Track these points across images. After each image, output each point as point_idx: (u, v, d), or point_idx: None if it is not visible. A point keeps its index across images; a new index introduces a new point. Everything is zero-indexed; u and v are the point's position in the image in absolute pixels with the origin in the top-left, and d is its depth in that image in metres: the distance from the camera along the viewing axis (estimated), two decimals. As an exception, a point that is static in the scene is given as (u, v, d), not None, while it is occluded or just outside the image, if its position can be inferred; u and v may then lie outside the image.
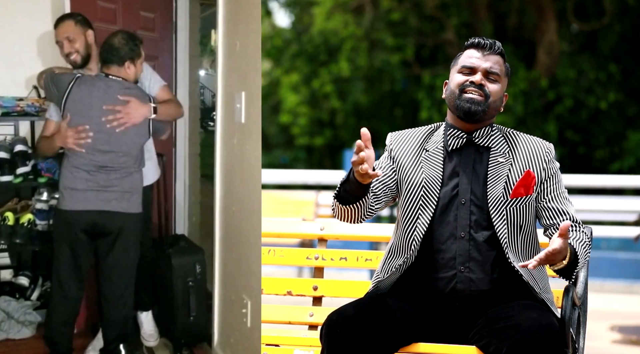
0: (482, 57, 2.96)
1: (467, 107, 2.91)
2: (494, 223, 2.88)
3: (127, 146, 3.99)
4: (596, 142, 13.96)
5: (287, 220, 3.89)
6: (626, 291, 8.72)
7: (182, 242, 4.54)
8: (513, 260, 2.87)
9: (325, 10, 14.54)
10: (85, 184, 3.94)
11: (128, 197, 4.01)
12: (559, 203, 2.95)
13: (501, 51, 3.00)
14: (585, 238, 2.90)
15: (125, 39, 3.99)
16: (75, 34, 4.09)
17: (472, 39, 3.02)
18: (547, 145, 3.00)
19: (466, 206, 2.91)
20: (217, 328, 4.25)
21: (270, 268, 7.05)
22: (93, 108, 3.93)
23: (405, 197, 2.96)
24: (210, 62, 5.13)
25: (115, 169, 3.97)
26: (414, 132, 3.07)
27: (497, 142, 2.97)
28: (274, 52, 15.46)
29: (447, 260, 2.90)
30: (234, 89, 3.88)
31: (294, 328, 3.37)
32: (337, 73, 14.37)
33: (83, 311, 4.47)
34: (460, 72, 2.97)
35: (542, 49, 13.56)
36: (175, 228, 4.92)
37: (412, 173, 2.97)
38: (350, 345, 2.74)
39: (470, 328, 2.86)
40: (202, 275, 4.36)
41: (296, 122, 14.92)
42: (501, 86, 2.98)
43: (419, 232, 2.91)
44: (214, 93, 4.55)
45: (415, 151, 3.01)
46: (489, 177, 2.92)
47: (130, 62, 3.99)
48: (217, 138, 4.17)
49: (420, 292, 2.93)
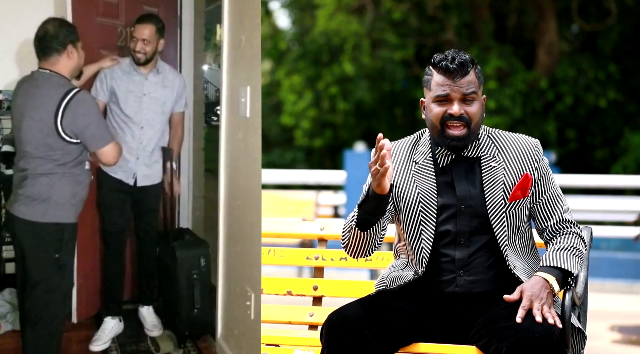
0: (453, 83, 2.87)
1: (453, 145, 2.88)
2: (493, 228, 2.88)
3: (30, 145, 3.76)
4: (596, 141, 13.98)
5: (287, 220, 3.90)
6: (626, 291, 8.71)
7: (187, 235, 4.54)
8: (511, 264, 2.87)
9: (327, 13, 14.55)
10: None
11: (27, 203, 3.75)
12: (551, 206, 2.94)
13: (472, 64, 2.90)
14: (575, 240, 2.89)
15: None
16: (152, 39, 4.36)
17: (440, 61, 2.89)
18: (534, 143, 2.98)
19: (465, 213, 2.90)
20: (220, 320, 4.26)
21: (270, 268, 7.06)
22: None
23: (405, 214, 2.94)
24: (213, 57, 5.14)
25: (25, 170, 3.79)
26: (399, 145, 3.03)
27: (486, 149, 2.95)
28: (274, 52, 15.47)
29: (447, 264, 2.90)
30: (239, 83, 3.89)
31: (294, 328, 3.37)
32: (339, 74, 14.37)
33: (83, 301, 4.47)
34: (436, 102, 2.90)
35: (542, 49, 13.58)
36: (179, 222, 4.92)
37: (406, 189, 2.94)
38: (351, 345, 2.74)
39: (470, 328, 2.86)
40: (206, 269, 4.37)
41: (299, 125, 14.89)
42: (479, 100, 2.91)
43: (425, 246, 2.90)
44: (218, 88, 4.59)
45: (404, 165, 2.98)
46: (485, 183, 2.91)
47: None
48: (221, 133, 4.17)
49: (420, 293, 2.93)
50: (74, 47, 3.81)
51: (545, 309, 2.69)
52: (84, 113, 3.70)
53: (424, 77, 2.97)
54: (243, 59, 3.86)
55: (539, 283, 2.75)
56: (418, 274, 2.90)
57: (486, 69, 13.26)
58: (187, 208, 5.14)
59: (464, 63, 2.86)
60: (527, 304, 2.71)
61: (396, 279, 2.97)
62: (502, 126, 12.62)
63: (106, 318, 4.41)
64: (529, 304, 2.71)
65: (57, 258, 3.74)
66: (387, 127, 14.62)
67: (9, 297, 4.42)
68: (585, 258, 2.95)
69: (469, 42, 14.22)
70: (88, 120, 3.72)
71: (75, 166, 3.79)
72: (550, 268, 2.80)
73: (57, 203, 3.74)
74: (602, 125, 13.89)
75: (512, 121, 13.09)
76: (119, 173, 4.41)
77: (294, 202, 9.10)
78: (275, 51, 15.48)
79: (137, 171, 4.45)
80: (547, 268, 2.80)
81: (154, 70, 4.45)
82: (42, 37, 3.78)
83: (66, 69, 3.80)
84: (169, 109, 4.53)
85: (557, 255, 2.83)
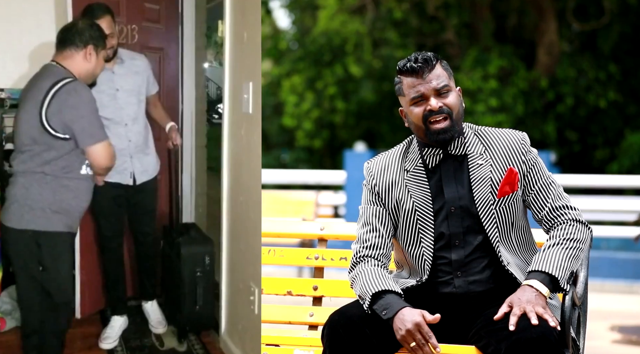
0: (423, 81, 2.90)
1: (440, 138, 2.89)
2: (484, 227, 2.89)
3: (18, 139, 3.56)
4: (596, 142, 13.99)
5: (287, 220, 3.89)
6: (626, 291, 8.72)
7: (193, 231, 4.50)
8: (504, 260, 2.87)
9: (329, 14, 14.56)
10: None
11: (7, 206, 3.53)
12: (544, 195, 2.93)
13: (435, 59, 2.93)
14: (569, 230, 2.87)
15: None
16: (113, 29, 4.06)
17: (404, 64, 2.93)
18: (521, 136, 2.98)
19: (457, 214, 2.91)
20: (224, 315, 4.26)
21: (270, 268, 7.05)
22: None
23: (403, 223, 2.95)
24: (214, 54, 5.12)
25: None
26: (388, 156, 3.04)
27: (473, 146, 2.96)
28: (274, 52, 15.47)
29: (444, 266, 2.91)
30: (241, 80, 3.88)
31: (294, 328, 3.36)
32: (340, 74, 14.37)
33: (87, 297, 4.47)
34: (414, 104, 2.92)
35: (542, 49, 13.59)
36: (181, 219, 4.92)
37: (401, 198, 2.95)
38: (352, 345, 2.74)
39: (469, 328, 2.86)
40: (210, 267, 4.34)
41: (301, 126, 14.89)
42: (454, 91, 2.94)
43: (427, 253, 2.91)
44: (219, 85, 4.54)
45: (396, 175, 2.98)
46: (472, 182, 2.92)
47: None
48: (224, 130, 4.15)
49: (420, 295, 2.93)
50: (95, 51, 3.59)
51: (540, 311, 2.69)
52: (73, 105, 3.41)
53: (395, 87, 2.99)
54: (245, 55, 3.85)
55: (526, 290, 2.75)
56: (421, 282, 2.92)
57: (489, 69, 13.27)
58: (190, 205, 5.13)
59: (428, 60, 2.90)
60: (518, 311, 2.70)
61: (398, 283, 2.96)
62: (506, 123, 12.66)
63: (113, 316, 4.38)
64: (520, 310, 2.70)
65: (43, 272, 3.47)
66: (387, 127, 14.63)
67: (15, 294, 4.42)
68: (582, 245, 2.89)
69: (469, 42, 14.24)
70: (77, 113, 3.41)
71: (63, 168, 3.47)
72: (537, 272, 2.79)
73: (31, 208, 3.44)
74: (603, 125, 13.90)
75: (515, 118, 13.10)
76: (114, 176, 4.14)
77: (294, 202, 9.09)
78: (275, 51, 15.48)
79: (134, 169, 4.34)
80: (534, 273, 2.80)
81: (118, 60, 4.22)
82: (68, 28, 3.61)
83: (78, 69, 3.57)
84: (144, 95, 4.36)
85: (546, 255, 2.82)
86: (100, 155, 3.50)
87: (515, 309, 2.70)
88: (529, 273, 2.81)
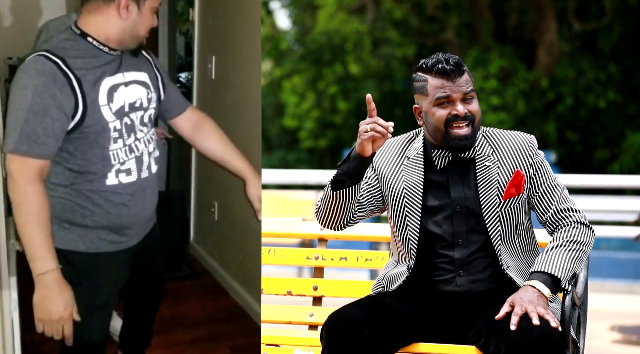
0: (453, 84, 2.87)
1: (460, 144, 2.88)
2: (487, 228, 2.89)
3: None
4: (596, 141, 13.98)
5: (287, 220, 3.88)
6: (626, 291, 8.71)
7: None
8: (504, 264, 2.88)
9: (328, 13, 14.56)
10: None
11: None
12: (548, 198, 2.93)
13: (464, 64, 2.92)
14: (572, 233, 2.87)
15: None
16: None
17: (434, 64, 2.89)
18: (529, 138, 2.98)
19: (461, 214, 2.91)
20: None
21: (270, 268, 7.05)
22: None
23: (391, 206, 2.96)
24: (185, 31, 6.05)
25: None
26: (394, 141, 3.04)
27: (480, 147, 2.96)
28: (274, 52, 15.46)
29: (446, 264, 2.91)
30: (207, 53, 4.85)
31: (294, 328, 3.36)
32: (340, 72, 14.36)
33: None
34: (438, 105, 2.89)
35: (542, 49, 13.59)
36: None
37: (393, 182, 2.96)
38: (351, 345, 2.74)
39: (469, 328, 2.86)
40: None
41: (303, 126, 14.87)
42: (476, 98, 2.94)
43: (412, 236, 2.91)
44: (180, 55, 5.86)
45: (396, 159, 2.99)
46: (479, 183, 2.92)
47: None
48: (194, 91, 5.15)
49: (420, 293, 2.94)
50: (135, 3, 2.60)
51: (542, 311, 2.69)
52: (14, 91, 2.51)
53: (414, 84, 2.96)
54: (210, 34, 4.92)
55: (528, 290, 2.76)
56: (411, 267, 2.91)
57: (489, 69, 13.28)
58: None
59: (459, 63, 2.89)
60: (520, 311, 2.70)
61: (392, 279, 2.98)
62: (507, 122, 12.67)
63: None
64: (522, 310, 2.70)
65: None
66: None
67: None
68: (585, 247, 2.89)
69: (469, 42, 14.24)
70: (11, 101, 2.51)
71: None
72: (539, 273, 2.80)
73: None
74: (603, 125, 13.90)
75: (516, 117, 13.11)
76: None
77: (294, 202, 9.09)
78: (275, 51, 15.47)
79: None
80: (536, 273, 2.80)
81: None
82: None
83: (105, 30, 2.61)
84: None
85: (549, 256, 2.82)
86: (10, 165, 2.63)
87: (517, 309, 2.71)
88: (531, 274, 2.82)
